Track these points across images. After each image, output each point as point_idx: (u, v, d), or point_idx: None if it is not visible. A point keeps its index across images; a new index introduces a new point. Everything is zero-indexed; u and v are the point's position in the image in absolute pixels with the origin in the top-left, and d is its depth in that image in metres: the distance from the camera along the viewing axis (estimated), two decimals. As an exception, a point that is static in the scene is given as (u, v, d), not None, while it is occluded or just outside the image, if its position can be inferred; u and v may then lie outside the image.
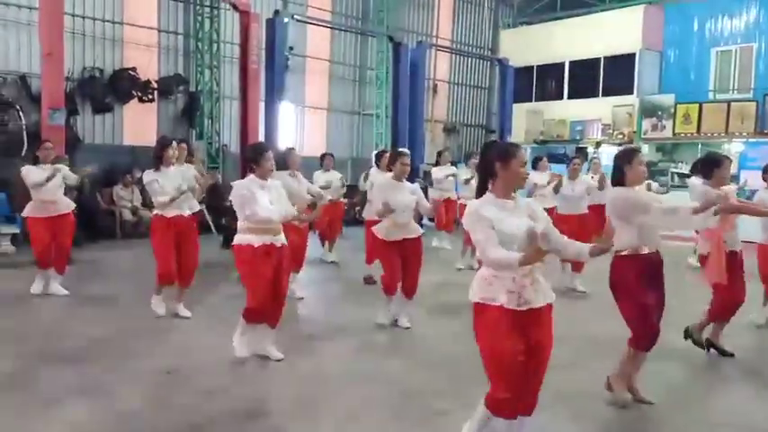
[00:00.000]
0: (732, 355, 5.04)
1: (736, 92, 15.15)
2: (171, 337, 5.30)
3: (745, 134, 13.84)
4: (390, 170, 5.64)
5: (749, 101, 14.12)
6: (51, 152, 6.60)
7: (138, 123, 13.19)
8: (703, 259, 5.01)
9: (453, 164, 10.48)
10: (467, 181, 9.36)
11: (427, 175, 14.98)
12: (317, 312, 6.55)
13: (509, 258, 2.81)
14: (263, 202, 4.44)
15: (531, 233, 2.94)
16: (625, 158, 3.95)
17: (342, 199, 9.22)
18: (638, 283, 3.83)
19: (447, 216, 9.87)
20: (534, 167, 8.34)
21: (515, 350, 2.86)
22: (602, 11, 17.27)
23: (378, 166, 8.31)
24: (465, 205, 8.67)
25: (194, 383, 4.23)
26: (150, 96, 13.16)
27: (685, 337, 5.13)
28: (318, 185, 8.39)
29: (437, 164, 10.26)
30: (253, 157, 4.62)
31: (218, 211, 10.98)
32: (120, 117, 13.15)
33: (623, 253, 3.83)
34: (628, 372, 4.01)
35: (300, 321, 6.19)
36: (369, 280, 7.53)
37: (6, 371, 4.36)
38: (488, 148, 3.19)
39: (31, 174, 6.42)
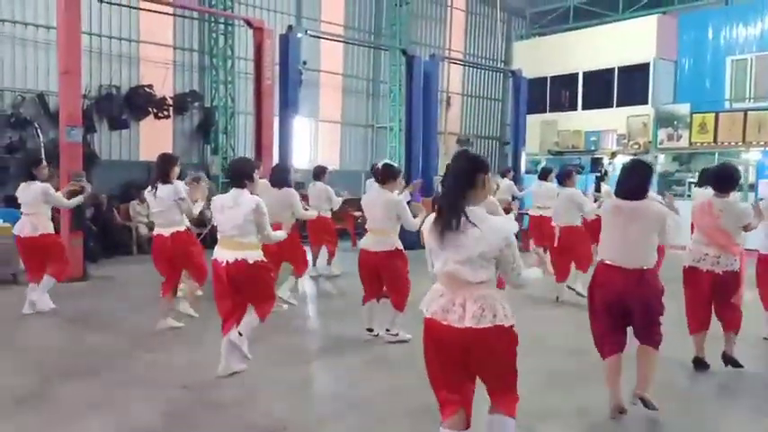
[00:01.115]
0: (741, 366, 4.92)
1: (752, 100, 14.99)
2: (185, 351, 5.31)
3: (762, 143, 13.66)
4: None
5: (766, 110, 13.96)
6: (45, 171, 6.70)
7: (154, 139, 13.32)
8: (685, 271, 5.00)
9: None
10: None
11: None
12: (328, 326, 6.52)
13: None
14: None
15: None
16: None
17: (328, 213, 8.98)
18: (598, 292, 4.01)
19: None
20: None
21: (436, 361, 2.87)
22: (615, 21, 17.22)
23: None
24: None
25: (209, 398, 4.22)
26: (166, 113, 13.31)
27: (725, 363, 4.96)
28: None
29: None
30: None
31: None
32: (137, 133, 13.30)
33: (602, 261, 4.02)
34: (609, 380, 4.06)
35: (313, 335, 6.18)
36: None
37: (23, 387, 4.38)
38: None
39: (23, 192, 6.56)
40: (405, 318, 5.53)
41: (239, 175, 4.56)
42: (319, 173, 9.04)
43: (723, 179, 4.85)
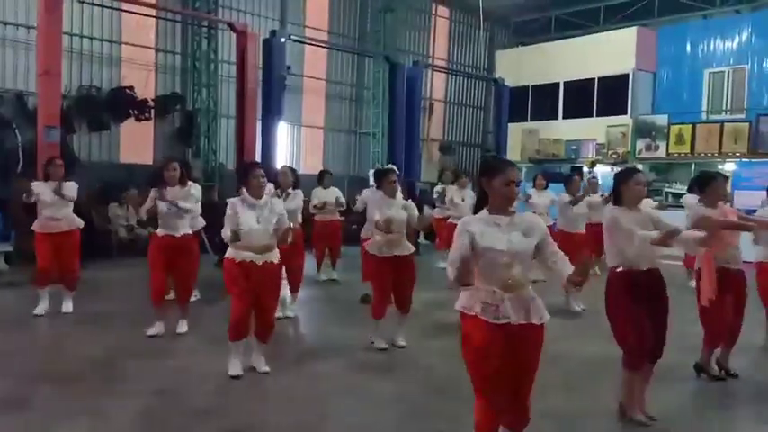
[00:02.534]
0: (736, 375, 4.96)
1: (729, 113, 15.30)
2: (167, 357, 5.26)
3: (738, 154, 13.95)
4: (378, 187, 5.74)
5: (742, 121, 14.26)
6: (60, 169, 6.54)
7: (135, 142, 13.22)
8: (697, 274, 4.95)
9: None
10: (451, 200, 9.46)
11: (424, 193, 15.05)
12: (313, 332, 6.54)
13: (450, 276, 2.87)
14: (246, 221, 4.49)
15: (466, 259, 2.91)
16: (622, 178, 3.99)
17: (339, 217, 9.14)
18: (627, 300, 3.83)
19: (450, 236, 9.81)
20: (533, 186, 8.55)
21: (489, 359, 2.89)
22: (596, 32, 17.48)
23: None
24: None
25: (189, 404, 4.20)
26: (147, 115, 13.21)
27: (698, 374, 4.99)
28: (314, 204, 8.46)
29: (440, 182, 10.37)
30: (241, 176, 4.72)
31: (213, 230, 10.94)
32: (117, 135, 13.18)
33: (618, 269, 3.88)
34: (628, 393, 3.97)
35: (296, 341, 6.17)
36: (366, 299, 7.50)
37: (2, 391, 4.32)
38: (481, 164, 3.32)
39: (39, 190, 6.41)
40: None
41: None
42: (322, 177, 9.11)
43: (698, 181, 5.06)
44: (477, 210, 3.10)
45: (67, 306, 6.62)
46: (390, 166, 6.64)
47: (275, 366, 4.86)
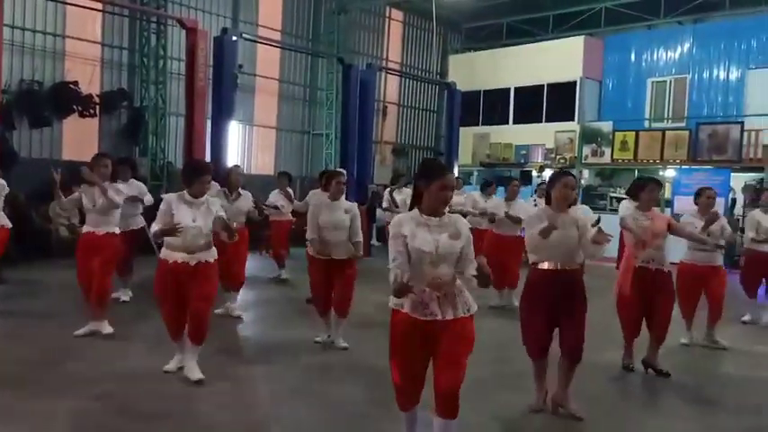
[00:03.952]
0: (668, 375, 5.13)
1: (670, 121, 15.87)
2: (107, 359, 5.12)
3: (678, 161, 14.47)
4: (326, 189, 5.77)
5: (683, 129, 14.81)
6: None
7: (79, 138, 12.81)
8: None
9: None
10: (404, 202, 9.56)
11: (376, 195, 15.08)
12: (259, 333, 6.46)
13: (393, 283, 3.06)
14: (181, 218, 4.42)
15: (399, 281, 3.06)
16: (552, 180, 4.26)
17: (290, 218, 9.17)
18: (530, 294, 4.16)
19: None
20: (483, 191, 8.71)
21: (410, 351, 3.17)
22: (545, 40, 17.87)
23: (322, 187, 8.35)
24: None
25: (129, 407, 4.09)
26: (92, 111, 12.82)
27: (645, 369, 5.21)
28: (271, 205, 8.57)
29: (393, 185, 10.41)
30: (187, 176, 4.60)
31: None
32: (60, 132, 12.75)
33: (538, 266, 4.15)
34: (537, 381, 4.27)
35: (242, 342, 6.09)
36: (311, 300, 7.46)
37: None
38: (420, 166, 3.37)
39: None
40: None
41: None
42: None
43: (632, 186, 5.44)
44: (410, 208, 3.25)
45: None
46: (340, 169, 6.69)
47: (218, 367, 4.79)
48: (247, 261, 7.12)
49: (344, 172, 6.02)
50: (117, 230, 5.88)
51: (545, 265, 4.07)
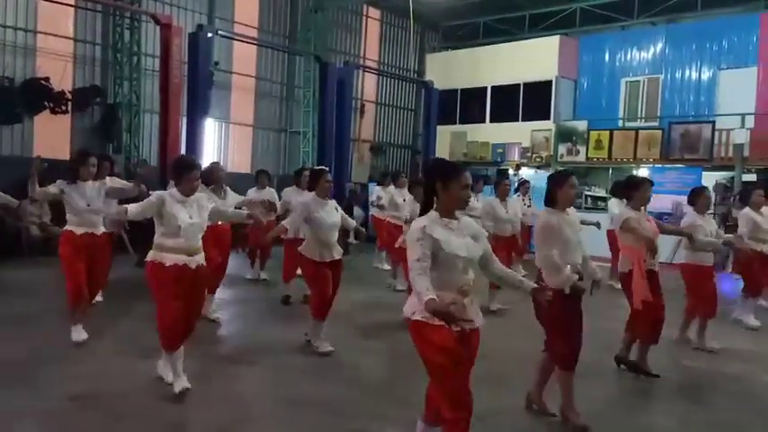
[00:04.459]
0: (657, 376, 5.10)
1: (643, 120, 16.10)
2: (81, 360, 5.04)
3: (651, 160, 14.69)
4: (311, 188, 5.56)
5: (656, 129, 15.03)
6: None
7: (51, 135, 12.59)
8: (624, 276, 5.00)
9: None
10: (391, 200, 9.47)
11: (353, 193, 15.06)
12: (235, 332, 6.40)
13: (422, 295, 2.75)
14: (179, 216, 4.21)
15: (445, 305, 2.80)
16: (558, 181, 4.09)
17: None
18: (564, 308, 3.87)
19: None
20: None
21: (459, 363, 2.90)
22: (521, 39, 18.00)
23: (297, 184, 8.25)
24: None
25: (106, 409, 4.04)
26: (64, 108, 12.61)
27: (618, 365, 5.20)
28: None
29: (383, 184, 10.21)
30: (176, 173, 4.38)
31: (133, 228, 10.56)
32: (31, 129, 12.51)
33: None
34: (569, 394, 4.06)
35: (220, 343, 6.04)
36: (286, 300, 7.44)
37: None
38: (431, 167, 3.17)
39: None
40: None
41: None
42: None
43: (625, 185, 5.33)
44: (423, 213, 3.04)
45: None
46: (323, 167, 6.53)
47: (201, 370, 4.74)
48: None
49: (327, 169, 5.88)
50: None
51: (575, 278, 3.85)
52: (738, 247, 6.68)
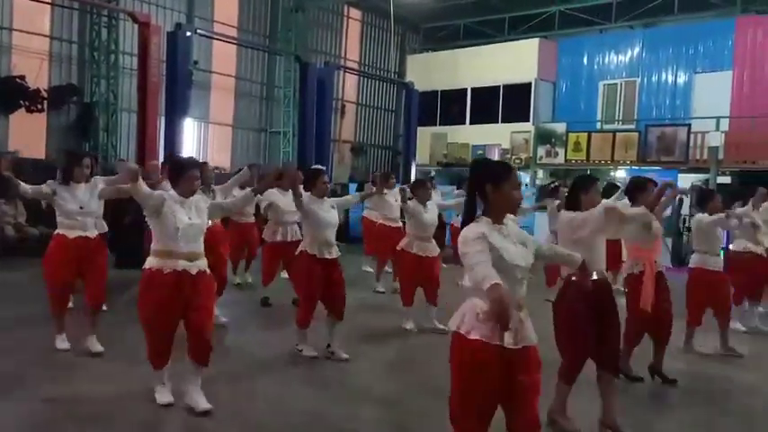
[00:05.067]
0: (641, 379, 4.94)
1: (620, 122, 16.31)
2: (57, 364, 4.95)
3: (628, 162, 14.88)
4: (307, 189, 5.33)
5: (633, 131, 15.24)
6: None
7: (26, 134, 12.41)
8: (632, 278, 4.84)
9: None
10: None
11: (334, 194, 15.00)
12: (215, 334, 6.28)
13: (487, 280, 2.44)
14: (179, 218, 3.90)
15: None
16: (584, 186, 4.04)
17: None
18: (579, 312, 3.74)
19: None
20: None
21: (489, 388, 2.63)
22: (501, 41, 18.14)
23: (279, 185, 8.12)
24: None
25: (76, 410, 3.98)
26: (40, 106, 12.44)
27: (652, 375, 4.99)
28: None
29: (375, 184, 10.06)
30: (174, 174, 4.05)
31: (114, 227, 10.41)
32: (6, 127, 12.32)
33: (573, 278, 3.73)
34: (562, 401, 3.86)
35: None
36: (265, 302, 7.38)
37: None
38: (478, 168, 2.87)
39: None
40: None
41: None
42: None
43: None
44: (467, 219, 2.77)
45: None
46: (320, 166, 6.39)
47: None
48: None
49: (324, 169, 5.74)
50: None
51: (593, 276, 3.63)
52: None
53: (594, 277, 3.65)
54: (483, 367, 2.60)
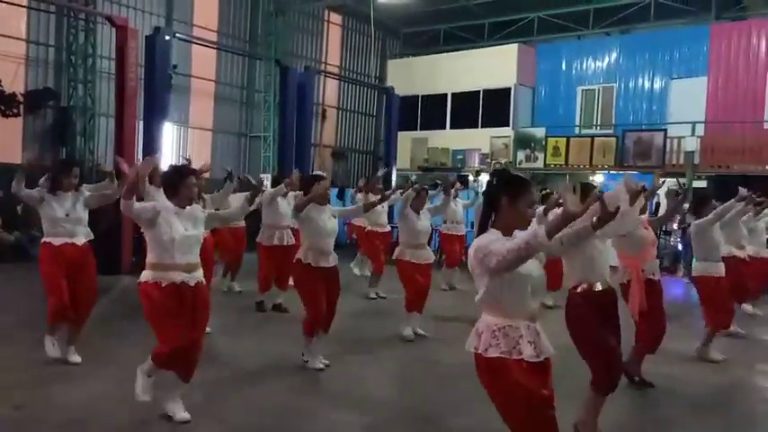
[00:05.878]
0: (652, 385, 4.94)
1: (598, 127, 16.50)
2: (27, 370, 4.88)
3: (606, 167, 15.05)
4: (307, 194, 5.25)
5: (610, 136, 15.41)
6: None
7: (1, 138, 12.22)
8: (624, 287, 4.84)
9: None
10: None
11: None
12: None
13: (539, 229, 2.41)
14: (175, 229, 3.79)
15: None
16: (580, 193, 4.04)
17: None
18: (594, 322, 3.71)
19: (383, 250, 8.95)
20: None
21: (547, 404, 2.63)
22: (481, 47, 18.27)
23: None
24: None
25: (47, 416, 3.93)
26: (15, 110, 12.26)
27: (631, 382, 4.95)
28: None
29: (363, 190, 10.07)
30: (171, 184, 3.93)
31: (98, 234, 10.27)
32: (-20, 131, 12.13)
33: (578, 289, 3.78)
34: (594, 415, 3.74)
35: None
36: (260, 306, 7.34)
37: None
38: (497, 179, 2.81)
39: None
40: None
41: None
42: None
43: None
44: (481, 229, 2.74)
45: None
46: (321, 172, 6.26)
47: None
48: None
49: (325, 175, 5.61)
50: None
51: (598, 287, 3.74)
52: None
53: (599, 288, 3.71)
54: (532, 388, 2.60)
